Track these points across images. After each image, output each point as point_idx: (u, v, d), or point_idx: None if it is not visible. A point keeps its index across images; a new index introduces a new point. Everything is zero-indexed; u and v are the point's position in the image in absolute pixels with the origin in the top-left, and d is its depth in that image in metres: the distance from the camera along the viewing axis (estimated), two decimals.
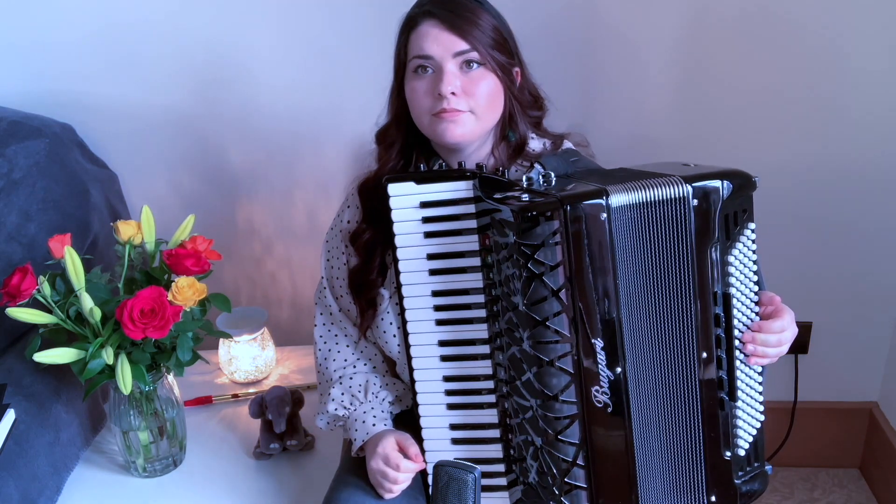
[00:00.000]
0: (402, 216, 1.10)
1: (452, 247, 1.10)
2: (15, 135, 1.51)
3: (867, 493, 1.91)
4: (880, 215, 1.73)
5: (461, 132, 1.12)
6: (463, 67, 1.10)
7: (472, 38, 1.09)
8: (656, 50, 1.62)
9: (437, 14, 1.09)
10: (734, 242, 1.04)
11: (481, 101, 1.11)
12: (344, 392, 1.24)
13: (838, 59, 1.60)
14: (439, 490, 1.09)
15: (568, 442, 1.03)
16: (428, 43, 1.10)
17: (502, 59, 1.12)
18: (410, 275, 1.11)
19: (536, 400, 1.04)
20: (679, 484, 1.08)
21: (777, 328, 1.06)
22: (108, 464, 1.42)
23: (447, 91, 1.09)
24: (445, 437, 1.15)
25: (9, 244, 1.41)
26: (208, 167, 1.76)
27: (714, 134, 1.68)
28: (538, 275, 0.99)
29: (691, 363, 1.05)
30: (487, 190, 1.06)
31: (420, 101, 1.13)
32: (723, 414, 1.07)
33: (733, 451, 1.09)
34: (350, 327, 1.28)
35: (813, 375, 1.88)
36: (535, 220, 0.97)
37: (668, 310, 1.03)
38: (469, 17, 1.09)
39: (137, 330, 1.18)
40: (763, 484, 1.12)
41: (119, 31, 1.63)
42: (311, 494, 1.32)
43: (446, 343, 1.13)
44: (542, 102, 1.23)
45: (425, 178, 1.09)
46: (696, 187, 1.00)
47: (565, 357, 1.01)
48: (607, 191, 0.99)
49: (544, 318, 1.00)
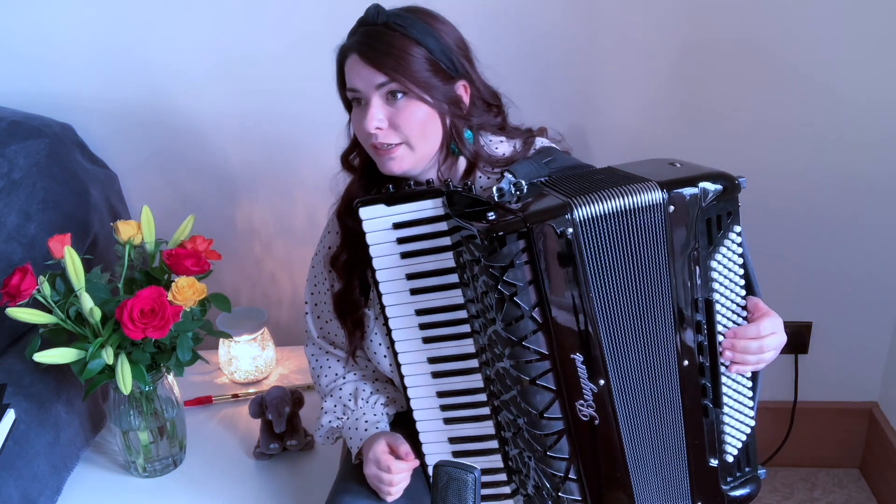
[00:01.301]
0: (376, 238, 1.08)
1: (430, 265, 1.08)
2: (15, 135, 1.51)
3: (867, 493, 1.91)
4: (880, 215, 1.73)
5: (398, 165, 1.12)
6: (388, 98, 1.09)
7: (390, 71, 1.06)
8: (656, 50, 1.62)
9: (357, 49, 1.09)
10: (717, 247, 1.02)
11: (412, 131, 1.09)
12: (336, 403, 1.25)
13: (838, 59, 1.60)
14: (439, 490, 1.09)
15: (558, 457, 1.03)
16: (353, 76, 1.10)
17: (434, 84, 1.09)
18: (392, 296, 1.10)
19: (523, 418, 1.03)
20: (666, 491, 1.08)
21: (752, 333, 1.04)
22: (108, 464, 1.42)
23: (371, 127, 1.08)
24: (446, 451, 1.15)
25: (9, 244, 1.41)
26: (208, 167, 1.76)
27: (713, 134, 1.68)
28: (510, 295, 0.97)
29: (672, 372, 1.03)
30: (456, 207, 1.04)
31: (359, 132, 1.14)
32: (707, 421, 1.06)
33: (720, 458, 1.08)
34: (337, 350, 1.29)
35: (813, 375, 1.88)
36: (502, 239, 0.95)
37: (647, 319, 1.01)
38: (388, 50, 1.07)
39: (137, 330, 1.18)
40: (755, 489, 1.11)
41: (119, 32, 1.63)
42: (311, 494, 1.32)
43: (436, 360, 1.12)
44: (499, 107, 1.21)
45: (394, 199, 1.07)
46: (672, 193, 0.98)
47: (546, 375, 1.00)
48: (572, 204, 0.96)
49: (521, 337, 0.98)
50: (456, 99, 1.13)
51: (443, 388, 1.13)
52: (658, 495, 1.08)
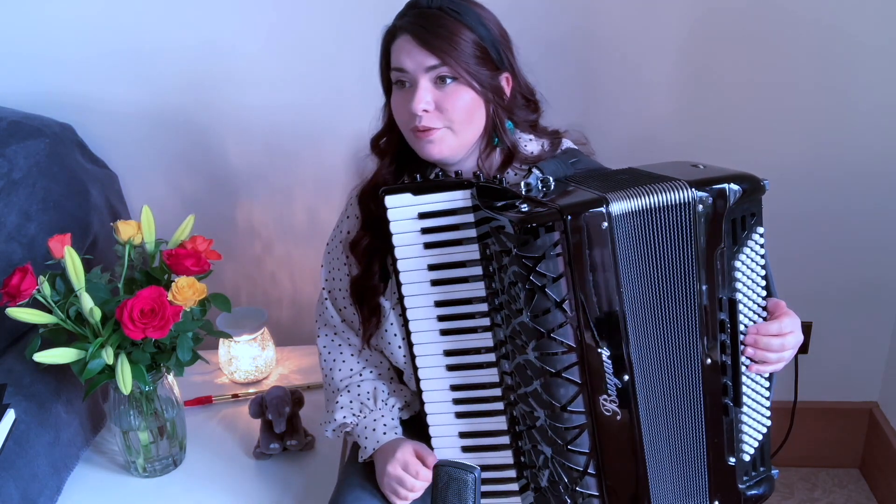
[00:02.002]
0: (400, 228, 1.09)
1: (453, 257, 1.09)
2: (15, 135, 1.50)
3: (867, 493, 1.91)
4: (880, 215, 1.73)
5: (439, 150, 1.12)
6: (437, 82, 1.09)
7: (443, 54, 1.07)
8: (658, 50, 1.62)
9: (410, 29, 1.09)
10: (741, 247, 1.03)
11: (457, 116, 1.10)
12: (353, 400, 1.24)
13: (839, 59, 1.60)
14: (439, 490, 1.09)
15: (578, 451, 1.03)
16: (402, 57, 1.10)
17: (482, 72, 1.10)
18: (412, 286, 1.11)
19: (545, 410, 1.03)
20: (683, 489, 1.08)
21: (774, 330, 1.05)
22: (108, 464, 1.42)
23: (418, 108, 1.08)
24: (455, 445, 1.15)
25: (9, 244, 1.41)
26: (208, 167, 1.76)
27: (714, 134, 1.68)
28: (541, 287, 0.97)
29: (695, 369, 1.04)
30: (485, 199, 1.04)
31: (400, 115, 1.14)
32: (727, 420, 1.07)
33: (738, 457, 1.08)
34: (353, 337, 1.28)
35: (813, 375, 1.88)
36: (535, 231, 0.96)
37: (672, 315, 1.02)
38: (442, 32, 1.07)
39: (137, 330, 1.18)
40: (769, 488, 1.12)
41: (119, 31, 1.63)
42: (312, 494, 1.32)
43: (451, 353, 1.12)
44: (536, 105, 1.22)
45: (422, 189, 1.08)
46: (702, 192, 0.99)
47: (571, 368, 1.00)
48: (607, 199, 0.97)
49: (549, 329, 0.99)
50: (500, 89, 1.14)
51: (457, 382, 1.13)
52: (676, 493, 1.08)
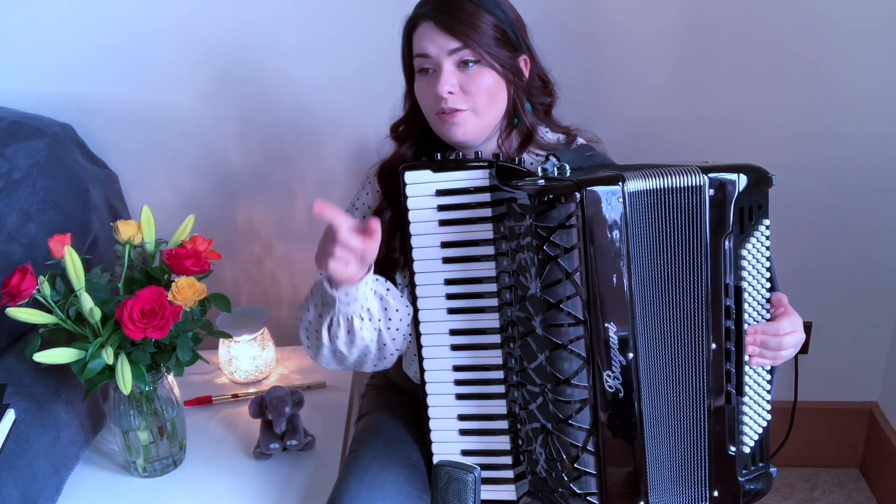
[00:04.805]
0: (417, 204, 1.11)
1: (467, 235, 1.11)
2: (15, 135, 1.50)
3: (867, 493, 1.91)
4: (880, 215, 1.73)
5: (463, 132, 1.15)
6: (460, 66, 1.14)
7: (465, 37, 1.12)
8: (658, 50, 1.62)
9: (431, 16, 1.13)
10: (748, 236, 1.05)
11: (481, 98, 1.14)
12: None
13: (839, 59, 1.60)
14: (439, 490, 1.09)
15: (578, 427, 1.04)
16: (425, 43, 1.14)
17: (502, 54, 1.14)
18: (424, 262, 1.12)
19: (548, 384, 1.04)
20: (683, 475, 1.08)
21: (773, 330, 1.07)
22: (108, 464, 1.42)
23: (444, 91, 1.12)
24: (454, 427, 1.16)
25: (9, 244, 1.41)
26: (208, 167, 1.76)
27: (714, 135, 1.68)
28: (553, 257, 1.00)
29: (700, 352, 1.05)
30: (504, 178, 1.07)
31: (424, 100, 1.18)
32: (729, 408, 1.08)
33: (738, 448, 1.09)
34: None
35: (813, 375, 1.88)
36: (552, 203, 0.99)
37: (679, 297, 1.04)
38: (462, 16, 1.12)
39: (137, 330, 1.18)
40: (767, 485, 1.12)
41: (119, 32, 1.63)
42: (312, 494, 1.32)
43: (457, 332, 1.13)
44: (551, 88, 1.26)
45: (442, 167, 1.11)
46: (712, 177, 1.02)
47: (578, 341, 1.02)
48: (624, 177, 1.00)
49: (558, 300, 1.01)
50: (520, 70, 1.18)
51: (460, 363, 1.14)
52: (675, 479, 1.08)
